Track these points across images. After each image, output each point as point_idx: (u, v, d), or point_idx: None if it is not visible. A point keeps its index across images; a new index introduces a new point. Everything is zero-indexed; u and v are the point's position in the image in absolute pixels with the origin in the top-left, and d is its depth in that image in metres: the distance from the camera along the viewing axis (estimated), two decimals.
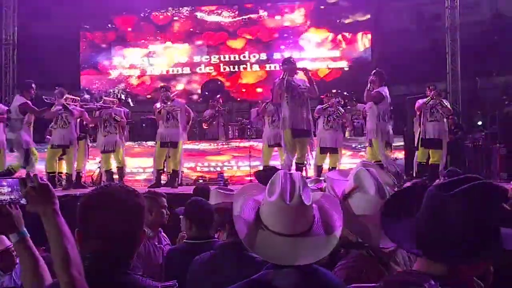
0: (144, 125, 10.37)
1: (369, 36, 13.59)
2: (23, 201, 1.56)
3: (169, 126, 7.93)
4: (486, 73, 13.03)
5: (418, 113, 8.15)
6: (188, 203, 3.19)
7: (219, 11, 14.11)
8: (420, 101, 8.06)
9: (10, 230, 1.63)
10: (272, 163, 8.07)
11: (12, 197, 1.58)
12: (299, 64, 7.08)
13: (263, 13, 13.95)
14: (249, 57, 13.91)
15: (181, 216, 3.28)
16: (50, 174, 8.00)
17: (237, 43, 14.04)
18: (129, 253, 1.58)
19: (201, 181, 8.83)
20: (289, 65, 7.01)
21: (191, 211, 3.08)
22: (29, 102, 7.61)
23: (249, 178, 8.83)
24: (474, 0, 13.92)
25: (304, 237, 1.58)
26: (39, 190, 1.51)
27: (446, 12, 12.56)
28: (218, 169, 9.49)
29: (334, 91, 8.75)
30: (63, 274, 1.40)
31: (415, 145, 8.25)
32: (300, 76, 7.11)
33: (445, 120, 8.08)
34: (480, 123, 10.99)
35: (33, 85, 7.80)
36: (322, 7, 13.79)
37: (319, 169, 8.02)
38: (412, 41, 14.04)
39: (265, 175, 3.32)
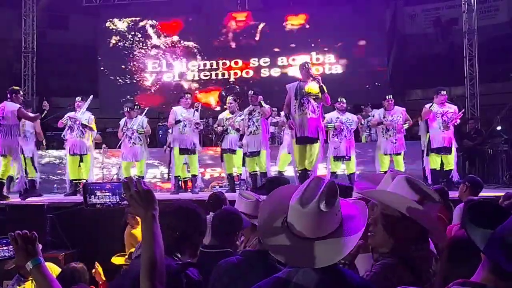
0: (160, 132, 10.43)
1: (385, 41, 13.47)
2: (124, 203, 1.71)
3: (185, 132, 7.90)
4: (504, 77, 12.86)
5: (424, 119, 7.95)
6: (219, 211, 3.21)
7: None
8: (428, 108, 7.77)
9: (28, 258, 1.73)
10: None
11: (113, 200, 1.76)
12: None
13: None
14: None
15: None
16: (73, 182, 8.13)
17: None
18: (182, 248, 1.96)
19: (217, 187, 8.83)
20: (303, 70, 6.93)
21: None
22: (22, 107, 7.36)
23: None
24: (491, 4, 13.79)
25: (324, 239, 1.57)
26: (143, 195, 1.60)
27: (463, 16, 12.45)
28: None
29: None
30: (146, 282, 1.55)
31: (426, 151, 7.98)
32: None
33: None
34: (499, 128, 10.80)
35: (20, 91, 7.68)
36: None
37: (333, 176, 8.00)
38: (429, 46, 13.96)
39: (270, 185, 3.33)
